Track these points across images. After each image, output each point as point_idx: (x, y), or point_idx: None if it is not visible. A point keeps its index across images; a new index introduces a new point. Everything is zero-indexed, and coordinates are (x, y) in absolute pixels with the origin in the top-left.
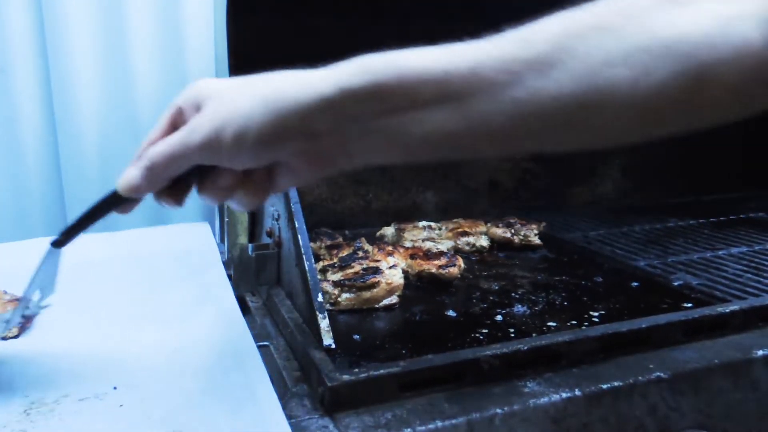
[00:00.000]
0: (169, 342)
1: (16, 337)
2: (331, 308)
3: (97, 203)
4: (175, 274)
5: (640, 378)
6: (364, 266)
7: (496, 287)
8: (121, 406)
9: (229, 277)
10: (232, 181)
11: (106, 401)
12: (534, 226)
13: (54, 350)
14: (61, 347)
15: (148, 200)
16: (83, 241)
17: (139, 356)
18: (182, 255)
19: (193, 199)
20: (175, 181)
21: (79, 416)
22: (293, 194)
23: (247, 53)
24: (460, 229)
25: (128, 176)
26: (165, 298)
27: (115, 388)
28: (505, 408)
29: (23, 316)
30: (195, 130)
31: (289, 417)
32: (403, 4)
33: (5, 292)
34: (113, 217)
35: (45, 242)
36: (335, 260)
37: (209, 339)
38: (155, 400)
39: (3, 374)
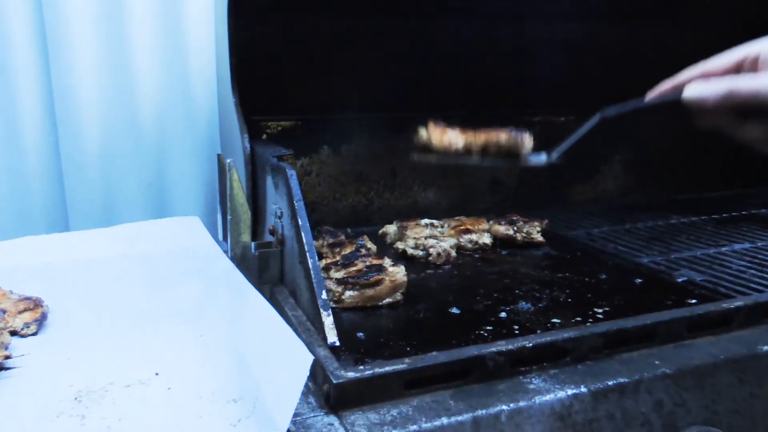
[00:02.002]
0: (191, 330)
1: (35, 334)
2: (334, 306)
3: (657, 100)
4: (181, 268)
5: (645, 374)
6: (367, 264)
7: (500, 284)
8: (169, 389)
9: None
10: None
11: (153, 386)
12: (536, 224)
13: (81, 344)
14: (85, 341)
15: (147, 196)
16: (78, 238)
17: (166, 346)
18: (184, 248)
19: (196, 196)
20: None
21: (132, 400)
22: (296, 192)
23: (247, 53)
24: (462, 227)
25: (704, 88)
26: (177, 292)
27: (157, 374)
28: (511, 405)
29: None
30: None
31: (294, 415)
32: (401, 4)
33: (11, 292)
34: (116, 209)
35: (45, 239)
36: (338, 258)
37: (230, 322)
38: (201, 381)
39: (35, 368)
